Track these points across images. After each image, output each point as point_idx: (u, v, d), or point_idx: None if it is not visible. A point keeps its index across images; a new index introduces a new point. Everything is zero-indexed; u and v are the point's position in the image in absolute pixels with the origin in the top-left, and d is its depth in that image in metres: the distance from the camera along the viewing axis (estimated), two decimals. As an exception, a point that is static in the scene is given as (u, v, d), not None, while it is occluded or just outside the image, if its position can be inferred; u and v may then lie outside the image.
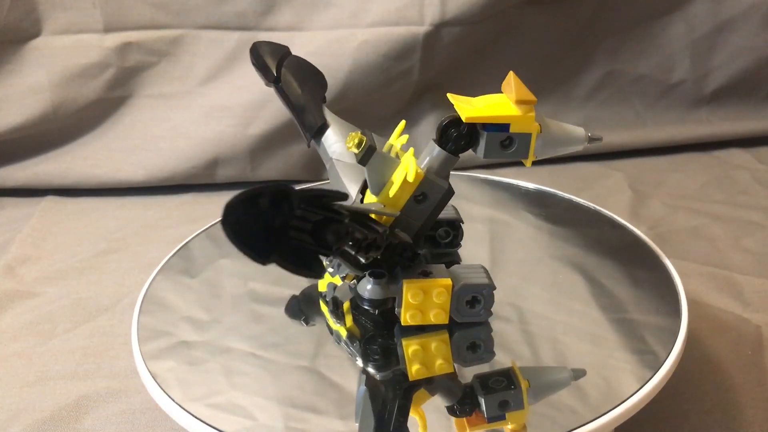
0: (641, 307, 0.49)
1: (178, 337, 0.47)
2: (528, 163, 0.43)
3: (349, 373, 0.44)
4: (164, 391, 0.42)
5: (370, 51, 0.87)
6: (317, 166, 0.93)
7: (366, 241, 0.36)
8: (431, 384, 0.42)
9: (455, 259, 0.50)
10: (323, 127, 0.48)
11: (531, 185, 0.64)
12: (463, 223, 0.51)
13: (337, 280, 0.49)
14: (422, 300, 0.43)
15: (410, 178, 0.41)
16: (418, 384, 0.42)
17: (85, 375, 0.58)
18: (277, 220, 0.30)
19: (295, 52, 0.88)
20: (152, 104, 0.92)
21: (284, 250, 0.31)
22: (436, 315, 0.43)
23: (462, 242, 0.52)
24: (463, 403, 0.40)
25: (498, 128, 0.42)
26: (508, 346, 0.45)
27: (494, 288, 0.43)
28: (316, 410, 0.41)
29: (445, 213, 0.49)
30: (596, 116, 0.98)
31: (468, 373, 0.42)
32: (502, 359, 0.44)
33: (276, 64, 0.51)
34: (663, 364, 0.42)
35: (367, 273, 0.43)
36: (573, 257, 0.54)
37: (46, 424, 0.53)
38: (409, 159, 0.42)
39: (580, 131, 0.43)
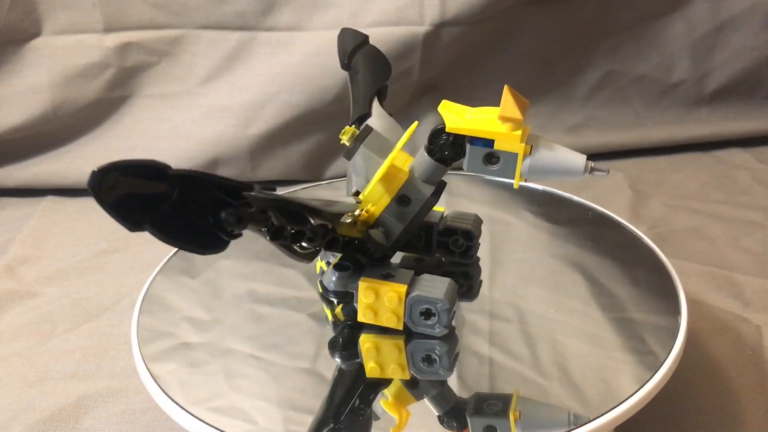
0: (641, 307, 0.49)
1: (179, 338, 0.47)
2: (515, 183, 0.41)
3: (349, 373, 0.44)
4: (167, 395, 0.42)
5: (370, 51, 0.87)
6: (317, 165, 0.93)
7: (287, 231, 0.36)
8: (416, 388, 0.42)
9: (469, 271, 0.50)
10: (364, 117, 0.48)
11: (531, 185, 0.64)
12: (479, 235, 0.50)
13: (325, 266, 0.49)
14: (374, 301, 0.43)
15: (375, 180, 0.42)
16: (385, 382, 0.42)
17: (85, 375, 0.58)
18: (153, 193, 0.31)
19: (295, 52, 0.89)
20: (152, 104, 0.92)
21: (169, 222, 0.32)
22: (388, 319, 0.43)
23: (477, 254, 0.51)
24: (450, 416, 0.40)
25: (483, 143, 0.41)
26: (507, 346, 0.45)
27: (448, 306, 0.42)
28: (316, 413, 0.41)
29: (464, 223, 0.49)
30: (596, 116, 0.98)
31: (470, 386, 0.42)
32: (501, 360, 0.44)
33: (350, 52, 0.51)
34: (662, 364, 0.42)
35: (332, 264, 0.44)
36: (573, 257, 0.54)
37: (46, 424, 0.53)
38: (388, 160, 0.42)
39: (578, 162, 0.40)
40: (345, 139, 0.43)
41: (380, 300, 0.43)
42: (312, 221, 0.37)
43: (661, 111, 0.99)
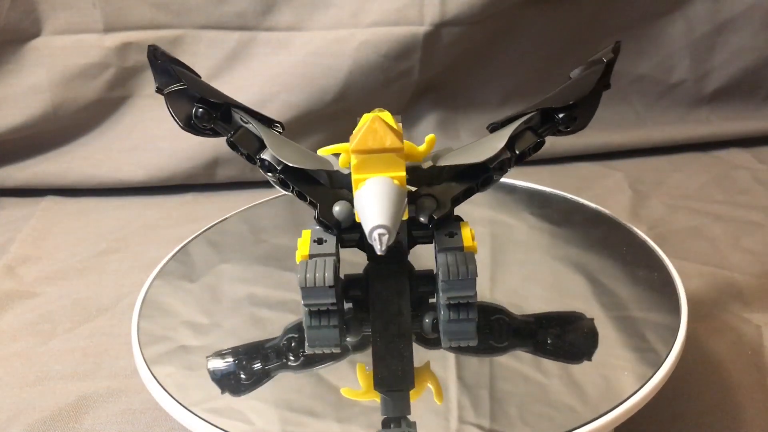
0: (641, 306, 0.49)
1: (177, 342, 0.47)
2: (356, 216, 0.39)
3: (347, 375, 0.44)
4: (172, 397, 0.42)
5: (370, 51, 0.87)
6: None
7: (240, 150, 0.46)
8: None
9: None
10: (494, 126, 0.47)
11: (531, 185, 0.64)
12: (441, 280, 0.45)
13: None
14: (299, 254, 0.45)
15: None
16: None
17: (85, 375, 0.58)
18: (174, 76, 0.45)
19: (295, 52, 0.89)
20: (152, 104, 0.91)
21: (176, 97, 0.45)
22: None
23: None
24: (387, 425, 0.40)
25: None
26: (508, 347, 0.45)
27: (303, 285, 0.43)
28: (314, 414, 0.41)
29: (440, 266, 0.45)
30: (596, 116, 0.97)
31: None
32: (502, 359, 0.44)
33: (589, 62, 0.48)
34: (663, 362, 0.42)
35: None
36: (573, 257, 0.54)
37: (46, 424, 0.53)
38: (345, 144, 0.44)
39: (367, 223, 0.36)
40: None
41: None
42: (263, 155, 0.46)
43: (661, 111, 0.99)
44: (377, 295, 0.46)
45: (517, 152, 0.46)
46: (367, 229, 0.36)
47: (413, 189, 0.46)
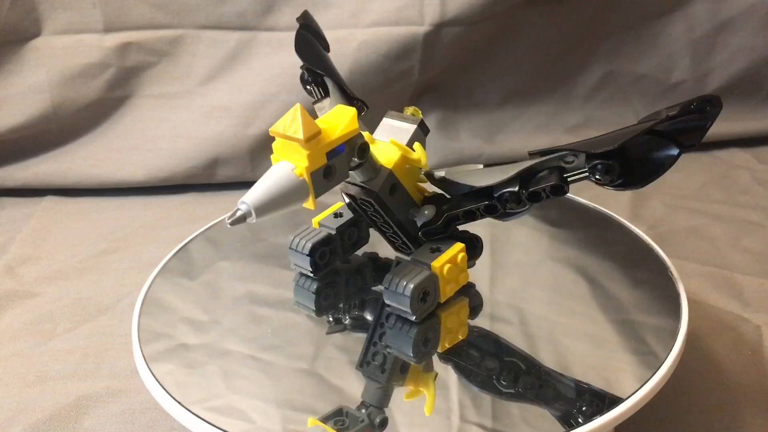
0: (641, 307, 0.49)
1: (177, 339, 0.47)
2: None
3: (348, 375, 0.44)
4: (170, 395, 0.42)
5: (370, 51, 0.87)
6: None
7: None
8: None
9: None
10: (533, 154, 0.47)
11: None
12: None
13: None
14: None
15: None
16: None
17: (85, 375, 0.58)
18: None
19: (294, 52, 0.89)
20: (152, 104, 0.91)
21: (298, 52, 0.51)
22: None
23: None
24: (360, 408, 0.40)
25: None
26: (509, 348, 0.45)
27: (289, 245, 0.49)
28: (315, 413, 0.41)
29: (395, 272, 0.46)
30: (596, 116, 0.98)
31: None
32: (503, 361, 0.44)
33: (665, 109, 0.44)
34: (663, 363, 0.42)
35: None
36: (573, 258, 0.54)
37: (46, 424, 0.53)
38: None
39: (245, 197, 0.37)
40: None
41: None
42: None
43: (661, 111, 0.99)
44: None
45: (529, 189, 0.41)
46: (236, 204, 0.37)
47: (433, 194, 0.47)
